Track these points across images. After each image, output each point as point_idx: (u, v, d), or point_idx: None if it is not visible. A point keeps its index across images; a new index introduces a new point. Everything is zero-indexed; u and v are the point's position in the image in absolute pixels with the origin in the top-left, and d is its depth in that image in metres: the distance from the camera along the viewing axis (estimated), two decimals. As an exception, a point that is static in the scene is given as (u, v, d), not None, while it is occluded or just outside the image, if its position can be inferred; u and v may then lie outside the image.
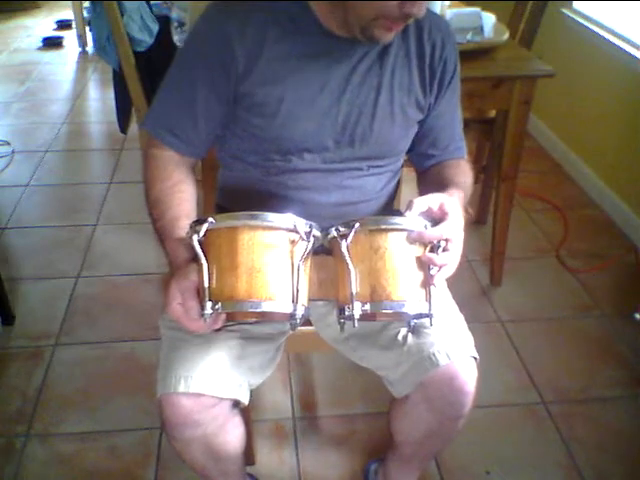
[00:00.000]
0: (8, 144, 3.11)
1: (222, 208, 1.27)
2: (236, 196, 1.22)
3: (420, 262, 0.91)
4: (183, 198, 1.06)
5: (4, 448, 1.59)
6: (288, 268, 0.88)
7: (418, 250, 0.91)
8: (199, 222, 0.88)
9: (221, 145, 1.18)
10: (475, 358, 1.07)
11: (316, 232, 0.90)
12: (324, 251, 0.97)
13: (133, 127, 2.61)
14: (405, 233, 0.90)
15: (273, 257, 0.86)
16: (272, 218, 0.86)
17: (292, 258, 0.88)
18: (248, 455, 1.46)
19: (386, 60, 1.09)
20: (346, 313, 0.91)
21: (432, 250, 0.92)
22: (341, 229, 0.91)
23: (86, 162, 3.10)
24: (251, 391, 1.11)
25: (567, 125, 2.95)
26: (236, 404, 1.10)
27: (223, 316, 0.91)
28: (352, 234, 0.89)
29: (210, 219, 0.86)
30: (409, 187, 1.30)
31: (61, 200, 2.70)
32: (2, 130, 3.32)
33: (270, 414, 1.69)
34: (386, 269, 0.89)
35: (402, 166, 1.27)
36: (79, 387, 1.76)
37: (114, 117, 2.64)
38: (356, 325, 0.89)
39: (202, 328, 0.90)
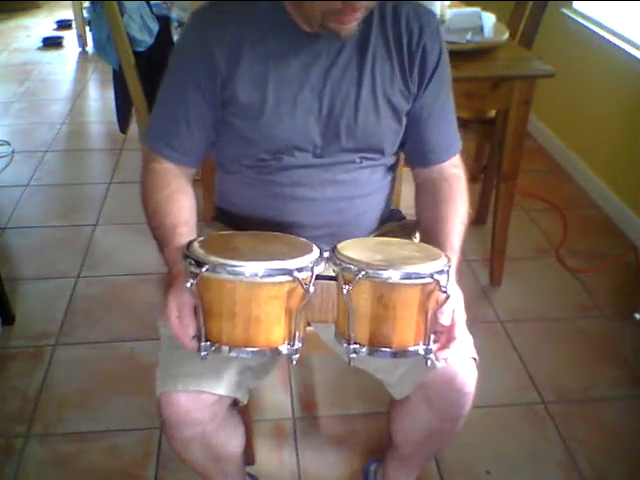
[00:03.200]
0: (8, 144, 3.10)
1: (221, 210, 1.28)
2: (233, 198, 1.23)
3: (422, 308, 0.89)
4: (181, 206, 1.07)
5: (4, 448, 1.59)
6: (287, 315, 0.87)
7: (422, 299, 0.88)
8: (197, 263, 0.84)
9: (215, 150, 1.20)
10: (475, 359, 1.06)
11: (318, 269, 0.88)
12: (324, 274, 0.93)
13: (133, 127, 2.61)
14: (410, 284, 0.87)
15: (272, 307, 0.85)
16: (271, 271, 0.83)
17: (291, 306, 0.86)
18: (248, 455, 1.46)
19: (366, 51, 1.09)
20: (344, 345, 0.90)
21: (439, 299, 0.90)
22: (344, 273, 0.88)
23: (86, 162, 3.10)
24: (251, 391, 1.11)
25: (567, 125, 2.95)
26: (235, 403, 1.10)
27: None
28: (355, 282, 0.86)
29: (206, 266, 0.83)
30: (409, 187, 1.29)
31: (61, 200, 2.70)
32: (2, 130, 3.32)
33: (270, 414, 1.69)
34: (387, 317, 0.88)
35: (398, 163, 1.26)
36: (79, 387, 1.76)
37: (114, 117, 2.64)
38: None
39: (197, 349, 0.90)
